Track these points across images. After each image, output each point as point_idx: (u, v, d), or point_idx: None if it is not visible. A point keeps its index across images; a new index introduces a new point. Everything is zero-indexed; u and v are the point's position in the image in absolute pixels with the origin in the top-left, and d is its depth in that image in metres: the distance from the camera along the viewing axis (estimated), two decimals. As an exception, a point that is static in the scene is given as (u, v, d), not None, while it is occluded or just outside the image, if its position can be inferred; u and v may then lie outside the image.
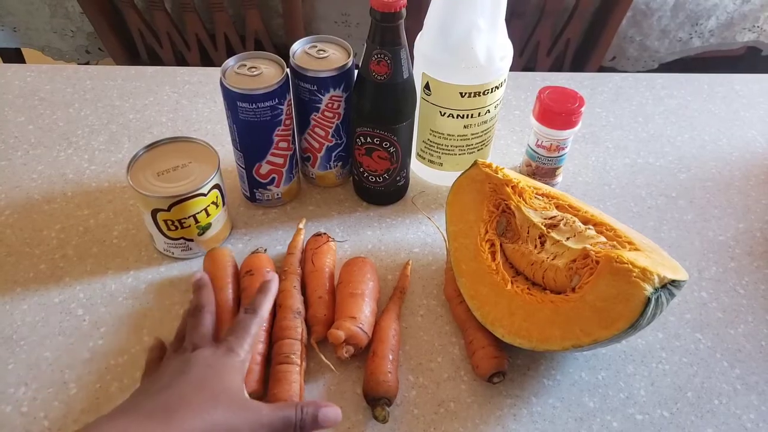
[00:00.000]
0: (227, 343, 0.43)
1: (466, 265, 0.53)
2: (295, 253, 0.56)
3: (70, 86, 0.78)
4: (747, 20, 1.19)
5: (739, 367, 0.52)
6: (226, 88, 0.54)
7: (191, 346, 0.44)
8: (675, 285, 0.45)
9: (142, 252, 0.59)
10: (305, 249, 0.57)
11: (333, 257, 0.57)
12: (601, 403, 0.50)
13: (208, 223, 0.56)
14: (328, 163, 0.63)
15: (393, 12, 0.50)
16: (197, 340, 0.44)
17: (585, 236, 0.50)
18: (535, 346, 0.47)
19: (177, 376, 0.40)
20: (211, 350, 0.43)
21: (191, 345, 0.44)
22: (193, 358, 0.42)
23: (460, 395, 0.49)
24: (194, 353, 0.42)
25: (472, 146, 0.63)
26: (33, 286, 0.56)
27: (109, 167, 0.68)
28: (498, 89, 0.59)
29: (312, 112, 0.58)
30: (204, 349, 0.43)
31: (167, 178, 0.54)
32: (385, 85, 0.54)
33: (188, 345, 0.44)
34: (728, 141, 0.75)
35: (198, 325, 0.46)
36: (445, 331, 0.54)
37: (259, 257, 0.55)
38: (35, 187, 0.65)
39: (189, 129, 0.73)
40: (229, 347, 0.43)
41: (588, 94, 0.80)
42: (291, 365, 0.47)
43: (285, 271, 0.54)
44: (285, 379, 0.46)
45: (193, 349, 0.43)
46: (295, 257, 0.56)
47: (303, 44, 0.58)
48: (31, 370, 0.50)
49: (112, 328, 0.53)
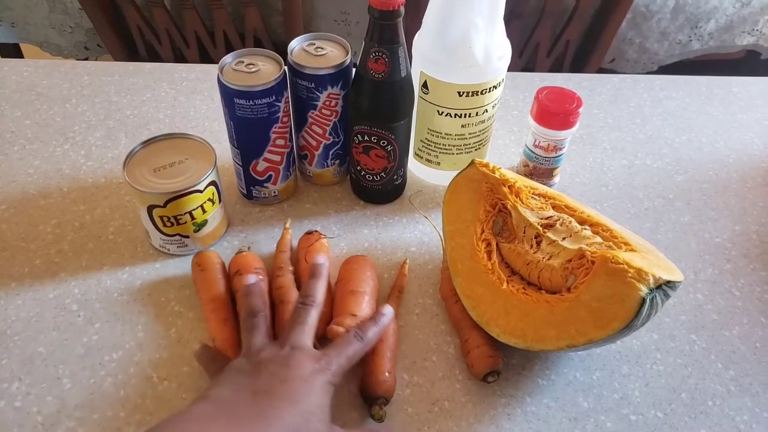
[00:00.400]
0: (326, 358, 0.43)
1: (462, 264, 0.53)
2: (285, 251, 0.56)
3: (67, 81, 0.78)
4: (746, 23, 1.19)
5: (733, 368, 0.52)
6: (224, 84, 0.54)
7: (255, 349, 0.44)
8: (670, 286, 0.45)
9: (138, 248, 0.59)
10: (298, 247, 0.57)
11: (326, 254, 0.57)
12: (595, 404, 0.50)
13: (204, 220, 0.56)
14: (325, 161, 0.63)
15: (391, 10, 0.50)
16: (260, 344, 0.45)
17: (581, 237, 0.50)
18: (530, 345, 0.47)
19: (271, 382, 0.41)
20: (310, 364, 0.42)
21: (255, 348, 0.44)
22: (292, 364, 0.42)
23: (455, 394, 0.49)
24: (292, 364, 0.42)
25: (469, 146, 0.62)
26: (28, 281, 0.55)
27: (106, 163, 0.67)
28: (496, 89, 0.59)
29: (309, 110, 0.58)
30: (302, 357, 0.43)
31: (163, 174, 0.54)
32: (382, 83, 0.54)
33: (252, 348, 0.44)
34: (726, 143, 0.75)
35: (256, 328, 0.46)
36: (440, 330, 0.54)
37: (245, 257, 0.55)
38: (31, 182, 0.65)
39: (186, 126, 0.73)
40: (327, 364, 0.43)
41: (586, 95, 0.80)
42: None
43: (280, 268, 0.54)
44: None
45: (257, 351, 0.44)
46: (285, 254, 0.56)
47: (301, 41, 0.58)
48: (24, 366, 0.49)
49: (106, 324, 0.53)
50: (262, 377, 0.41)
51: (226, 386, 0.41)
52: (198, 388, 0.49)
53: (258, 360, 0.43)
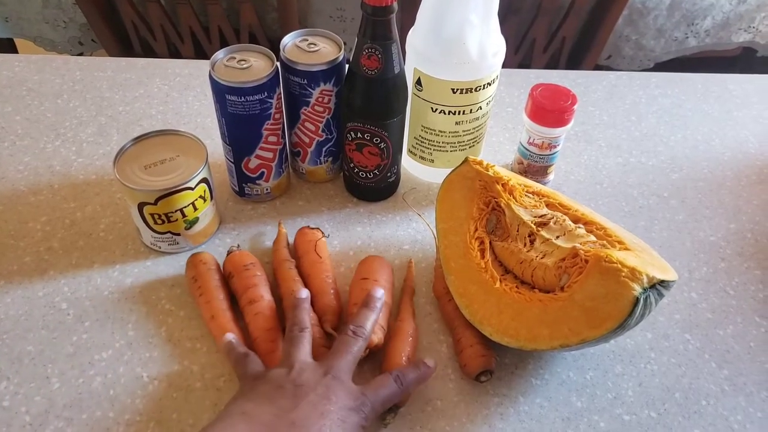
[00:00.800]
0: (364, 399, 0.43)
1: (455, 262, 0.53)
2: (285, 246, 0.56)
3: (59, 77, 0.77)
4: (743, 20, 1.19)
5: (727, 368, 0.52)
6: (215, 80, 0.53)
7: (298, 366, 0.43)
8: (664, 285, 0.44)
9: (129, 246, 0.58)
10: (295, 243, 0.57)
11: (327, 250, 0.57)
12: (588, 403, 0.49)
13: (196, 218, 0.56)
14: (318, 158, 0.63)
15: (384, 6, 0.50)
16: (302, 361, 0.44)
17: (575, 235, 0.50)
18: (523, 345, 0.47)
19: (310, 415, 0.40)
20: (349, 402, 0.42)
21: (297, 364, 0.44)
22: (332, 399, 0.41)
23: (448, 394, 0.49)
24: (332, 398, 0.42)
25: (463, 143, 0.62)
26: (17, 279, 0.55)
27: (97, 159, 0.67)
28: (490, 86, 0.59)
29: (302, 106, 0.58)
30: (342, 392, 0.42)
31: (154, 171, 0.53)
32: (375, 80, 0.54)
33: (295, 362, 0.44)
34: (721, 141, 0.75)
35: (301, 343, 0.45)
36: (433, 329, 0.53)
37: (239, 255, 0.54)
38: (21, 178, 0.64)
39: (179, 122, 0.72)
40: (363, 405, 0.43)
41: (581, 92, 0.80)
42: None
43: (280, 261, 0.54)
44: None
45: (300, 370, 0.43)
46: (285, 250, 0.56)
47: (293, 37, 0.58)
48: (13, 365, 0.49)
49: (96, 322, 0.52)
50: (302, 407, 0.41)
51: (264, 406, 0.41)
52: (188, 387, 0.48)
53: (300, 383, 0.42)
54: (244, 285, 0.52)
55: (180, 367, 0.49)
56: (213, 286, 0.52)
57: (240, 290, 0.52)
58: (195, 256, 0.54)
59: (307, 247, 0.56)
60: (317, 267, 0.54)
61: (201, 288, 0.52)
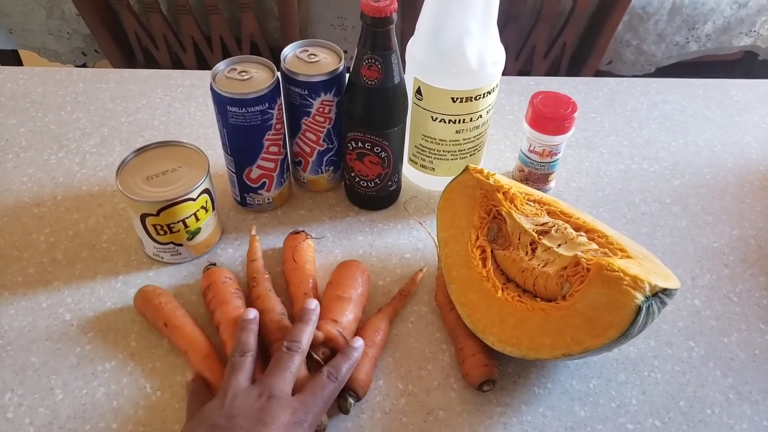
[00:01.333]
0: (304, 408, 0.42)
1: (457, 271, 0.53)
2: (257, 259, 0.56)
3: (62, 89, 0.78)
4: (744, 25, 1.18)
5: (732, 376, 0.52)
6: (216, 92, 0.54)
7: (231, 394, 0.42)
8: (666, 293, 0.44)
9: (132, 256, 0.58)
10: (284, 247, 0.57)
11: (312, 254, 0.57)
12: (592, 412, 0.49)
13: (198, 228, 0.56)
14: (319, 168, 0.63)
15: (383, 17, 0.50)
16: (237, 388, 0.43)
17: (576, 243, 0.50)
18: (525, 354, 0.47)
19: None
20: (286, 417, 0.41)
21: (232, 392, 0.43)
22: (267, 420, 0.40)
23: (450, 403, 0.49)
24: (266, 420, 0.40)
25: (464, 151, 0.62)
26: (21, 291, 0.55)
27: (100, 171, 0.67)
28: (490, 94, 0.59)
29: (303, 117, 0.58)
30: (278, 409, 0.41)
31: (156, 182, 0.54)
32: (376, 90, 0.54)
33: (230, 391, 0.43)
34: (723, 147, 0.75)
35: (240, 369, 0.44)
36: (435, 338, 0.53)
37: (215, 272, 0.54)
38: (25, 190, 0.65)
39: (181, 132, 0.72)
40: (304, 414, 0.42)
41: (582, 98, 0.80)
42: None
43: (254, 278, 0.54)
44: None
45: (232, 399, 0.42)
46: (258, 263, 0.55)
47: (294, 48, 0.58)
48: (17, 376, 0.49)
49: (99, 333, 0.52)
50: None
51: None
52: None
53: (233, 414, 0.41)
54: (217, 302, 0.51)
55: (183, 378, 0.49)
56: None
57: (212, 308, 0.52)
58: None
59: (287, 253, 0.56)
60: (293, 274, 0.54)
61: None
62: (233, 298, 0.51)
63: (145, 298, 0.52)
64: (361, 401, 0.48)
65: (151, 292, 0.52)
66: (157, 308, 0.51)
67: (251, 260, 0.56)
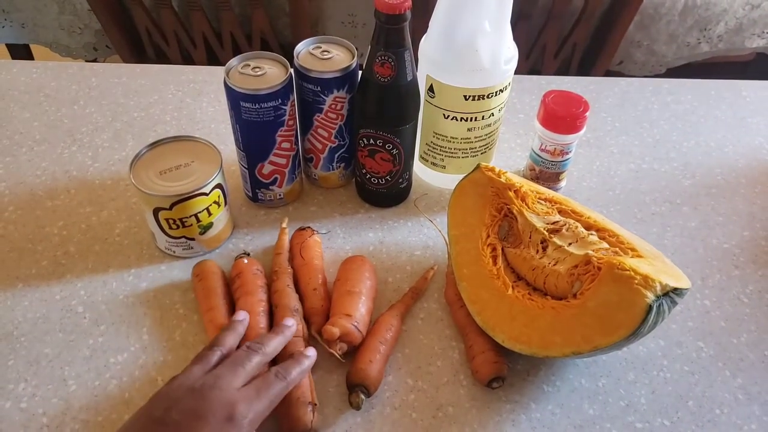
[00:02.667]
0: (245, 405, 0.41)
1: (467, 269, 0.53)
2: (283, 252, 0.56)
3: (75, 83, 0.78)
4: (756, 26, 1.18)
5: (741, 376, 0.52)
6: (230, 87, 0.54)
7: (177, 381, 0.42)
8: (677, 293, 0.44)
9: (144, 250, 0.59)
10: (291, 243, 0.58)
11: (320, 250, 0.58)
12: (601, 411, 0.49)
13: (210, 223, 0.56)
14: (330, 164, 0.63)
15: (397, 14, 0.50)
16: (187, 377, 0.43)
17: (587, 242, 0.50)
18: (535, 352, 0.47)
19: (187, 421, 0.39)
20: (223, 412, 0.40)
21: (178, 380, 0.43)
22: (201, 413, 0.40)
23: (459, 400, 0.49)
24: (201, 413, 0.40)
25: (475, 149, 0.62)
26: (34, 283, 0.56)
27: (113, 165, 0.68)
28: (502, 93, 0.59)
29: (315, 113, 0.58)
30: (217, 404, 0.40)
31: (170, 177, 0.54)
32: (388, 87, 0.54)
33: (177, 377, 0.43)
34: (734, 148, 0.74)
35: (204, 360, 0.44)
36: (445, 335, 0.54)
37: (249, 262, 0.54)
38: (39, 183, 0.65)
39: (193, 128, 0.73)
40: (246, 411, 0.41)
41: (593, 98, 0.80)
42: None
43: (276, 272, 0.54)
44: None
45: (177, 384, 0.42)
46: (283, 257, 0.56)
47: (307, 45, 0.58)
48: (31, 367, 0.50)
49: (112, 326, 0.53)
50: (169, 426, 0.39)
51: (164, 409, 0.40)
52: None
53: (169, 403, 0.40)
54: (243, 291, 0.52)
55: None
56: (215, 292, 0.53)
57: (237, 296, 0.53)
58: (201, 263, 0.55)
59: (295, 250, 0.57)
60: (302, 270, 0.55)
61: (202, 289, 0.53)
62: (260, 291, 0.52)
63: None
64: (371, 396, 0.49)
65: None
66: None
67: (277, 253, 0.56)
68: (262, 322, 0.50)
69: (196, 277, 0.54)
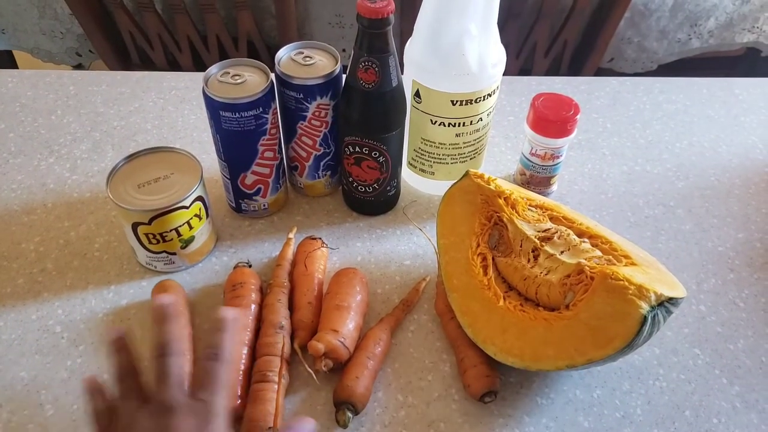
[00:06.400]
0: (205, 404, 0.37)
1: (458, 279, 0.51)
2: (284, 264, 0.55)
3: (52, 92, 0.76)
4: (746, 21, 1.17)
5: (738, 384, 0.51)
6: (209, 97, 0.52)
7: (160, 400, 0.37)
8: (672, 302, 0.43)
9: (124, 265, 0.57)
10: (297, 252, 0.56)
11: (324, 263, 0.56)
12: (596, 423, 0.48)
13: (191, 236, 0.55)
14: (316, 173, 0.61)
15: (380, 18, 0.49)
16: (166, 394, 0.37)
17: (580, 250, 0.49)
18: (528, 365, 0.45)
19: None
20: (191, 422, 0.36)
21: (159, 399, 0.37)
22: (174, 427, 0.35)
23: (451, 415, 0.48)
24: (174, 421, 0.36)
25: (464, 155, 0.61)
26: (10, 302, 0.54)
27: (92, 177, 0.66)
28: (491, 97, 0.57)
29: (299, 121, 0.57)
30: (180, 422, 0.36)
31: (148, 190, 0.52)
32: (373, 93, 0.52)
33: (157, 397, 0.37)
34: (728, 148, 0.73)
35: (165, 372, 0.37)
36: (435, 347, 0.52)
37: (243, 272, 0.53)
38: (14, 197, 0.63)
39: (174, 136, 0.71)
40: (211, 409, 0.36)
41: (584, 99, 0.79)
42: (268, 383, 0.46)
43: (270, 285, 0.53)
44: (261, 399, 0.45)
45: (162, 404, 0.36)
46: (283, 269, 0.54)
47: (289, 51, 0.57)
48: (5, 391, 0.48)
49: (91, 346, 0.51)
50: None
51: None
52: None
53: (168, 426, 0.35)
54: (237, 303, 0.51)
55: (176, 391, 0.48)
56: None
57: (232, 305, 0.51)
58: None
59: (299, 257, 0.55)
60: (301, 280, 0.53)
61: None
62: (252, 305, 0.51)
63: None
64: (360, 414, 0.47)
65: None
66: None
67: (277, 264, 0.55)
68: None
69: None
